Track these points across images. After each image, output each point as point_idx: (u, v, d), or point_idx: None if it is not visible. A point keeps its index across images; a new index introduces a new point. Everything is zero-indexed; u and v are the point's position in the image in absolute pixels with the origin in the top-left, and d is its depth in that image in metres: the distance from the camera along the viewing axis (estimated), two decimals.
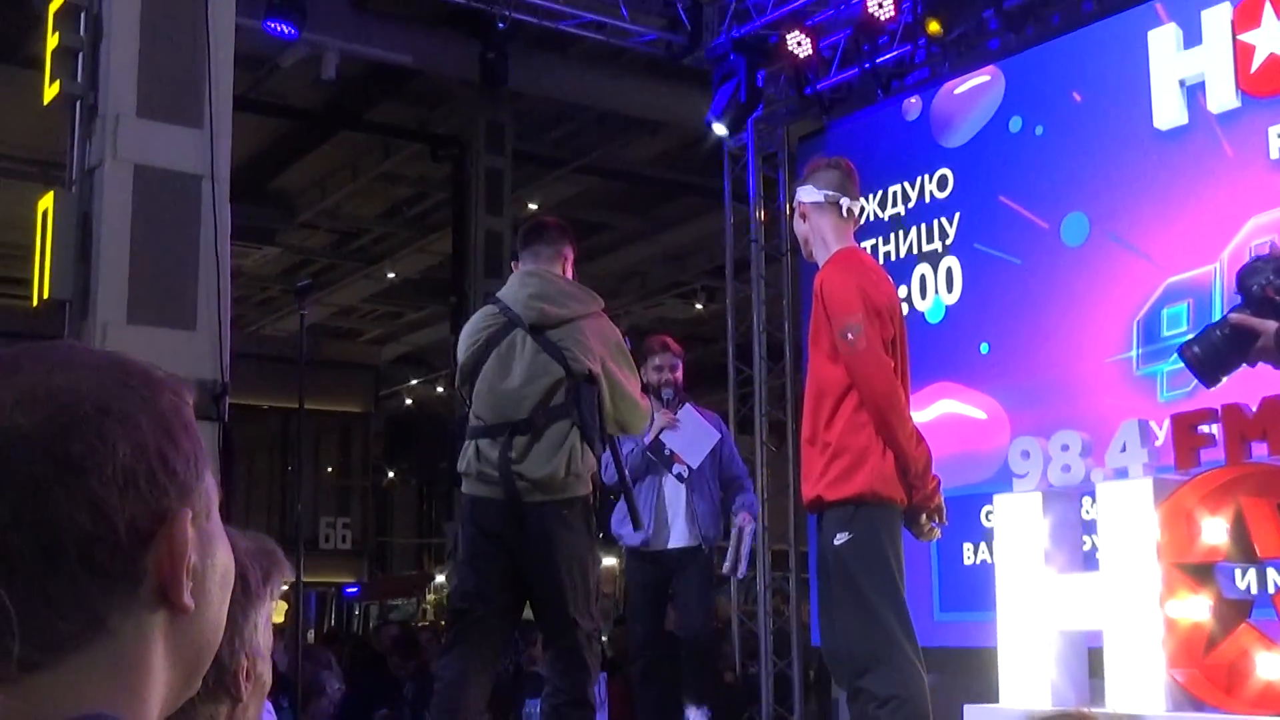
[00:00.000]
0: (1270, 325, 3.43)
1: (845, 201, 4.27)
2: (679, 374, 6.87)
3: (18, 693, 0.86)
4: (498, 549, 4.70)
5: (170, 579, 0.90)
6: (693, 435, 6.75)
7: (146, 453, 0.89)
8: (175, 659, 0.93)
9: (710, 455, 6.79)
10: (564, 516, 4.62)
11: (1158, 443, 5.12)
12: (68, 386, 0.88)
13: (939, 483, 4.27)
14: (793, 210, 4.55)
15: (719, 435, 6.85)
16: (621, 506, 6.11)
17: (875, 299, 4.03)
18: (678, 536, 6.68)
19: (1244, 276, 3.59)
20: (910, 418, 4.15)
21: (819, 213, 4.25)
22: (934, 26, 8.34)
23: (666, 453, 6.68)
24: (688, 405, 6.88)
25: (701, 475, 6.71)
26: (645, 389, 5.74)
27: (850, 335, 3.93)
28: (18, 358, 0.90)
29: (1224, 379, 3.65)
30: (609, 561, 24.93)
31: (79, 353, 0.93)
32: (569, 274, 5.09)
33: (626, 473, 5.52)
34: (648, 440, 6.61)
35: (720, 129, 9.33)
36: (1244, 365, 3.56)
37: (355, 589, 23.62)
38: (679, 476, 6.67)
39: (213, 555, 0.96)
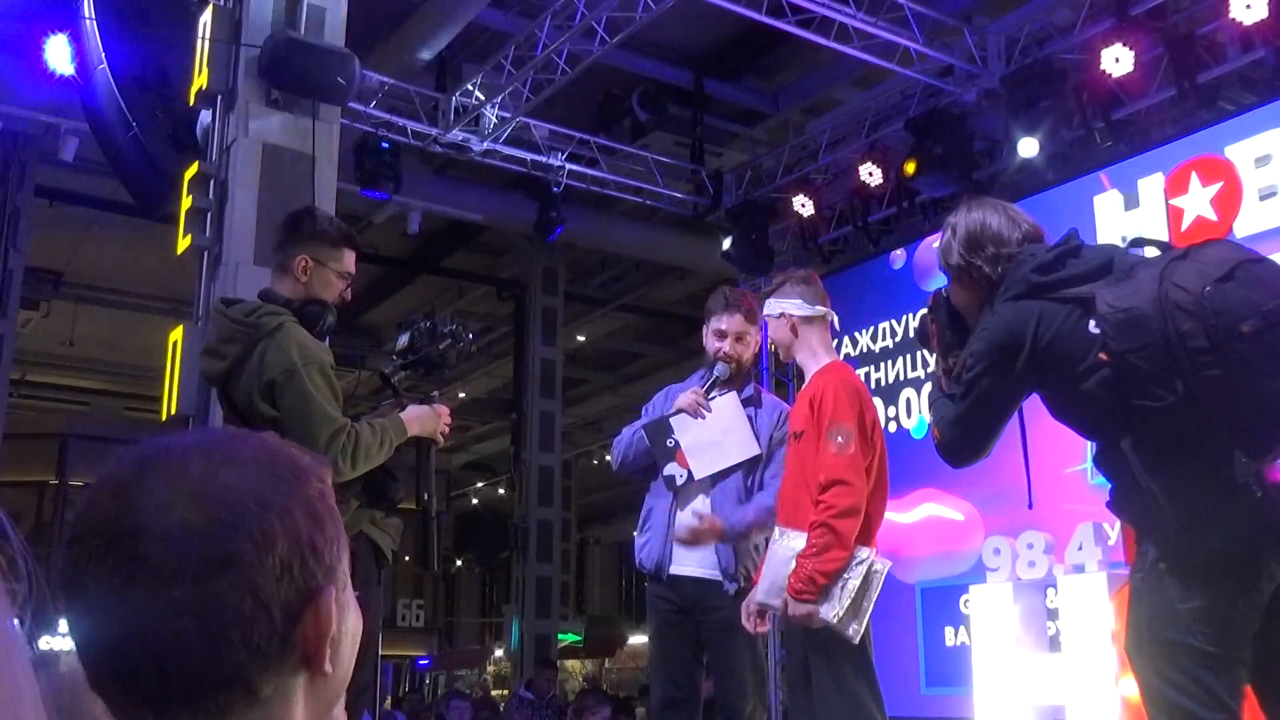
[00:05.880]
0: None
1: (831, 316, 3.94)
2: (747, 349, 4.16)
3: None
4: None
5: (315, 651, 0.88)
6: (715, 436, 4.09)
7: (300, 543, 0.86)
8: (312, 710, 0.91)
9: (745, 468, 4.09)
10: None
11: (1110, 542, 5.05)
12: (231, 483, 0.85)
13: (811, 610, 3.53)
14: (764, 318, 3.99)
15: (758, 452, 4.08)
16: (642, 520, 4.23)
17: (866, 415, 3.78)
18: (686, 560, 4.04)
19: None
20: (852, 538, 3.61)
21: (808, 325, 3.85)
22: (910, 168, 8.27)
23: (669, 442, 4.09)
24: (732, 395, 4.13)
25: (724, 492, 4.06)
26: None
27: (840, 439, 3.64)
28: (187, 456, 0.87)
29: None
30: (638, 639, 24.16)
31: (235, 445, 0.89)
32: (303, 281, 3.30)
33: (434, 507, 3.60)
34: (662, 413, 4.19)
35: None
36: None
37: (426, 661, 23.34)
38: (668, 480, 4.07)
39: (347, 621, 0.93)
